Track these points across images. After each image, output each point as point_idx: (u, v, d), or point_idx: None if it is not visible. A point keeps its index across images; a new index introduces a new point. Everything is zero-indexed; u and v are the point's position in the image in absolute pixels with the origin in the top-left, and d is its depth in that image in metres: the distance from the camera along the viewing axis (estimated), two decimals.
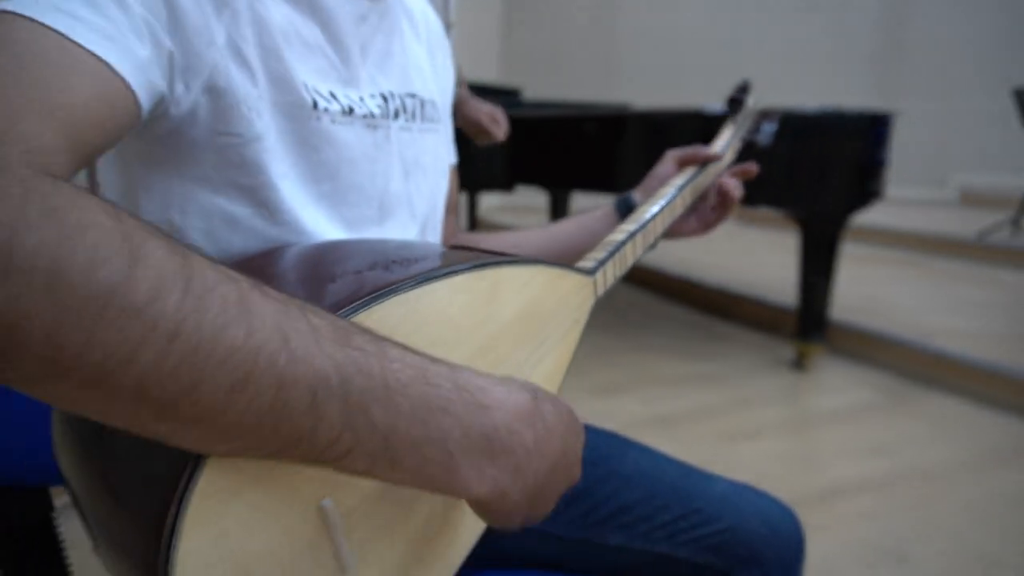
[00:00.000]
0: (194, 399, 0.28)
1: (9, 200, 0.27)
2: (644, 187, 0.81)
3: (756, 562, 0.65)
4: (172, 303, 0.28)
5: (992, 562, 1.51)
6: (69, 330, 0.26)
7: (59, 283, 0.26)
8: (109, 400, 0.28)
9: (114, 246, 0.28)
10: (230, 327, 0.29)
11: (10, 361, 0.27)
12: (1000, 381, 2.41)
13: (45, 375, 0.27)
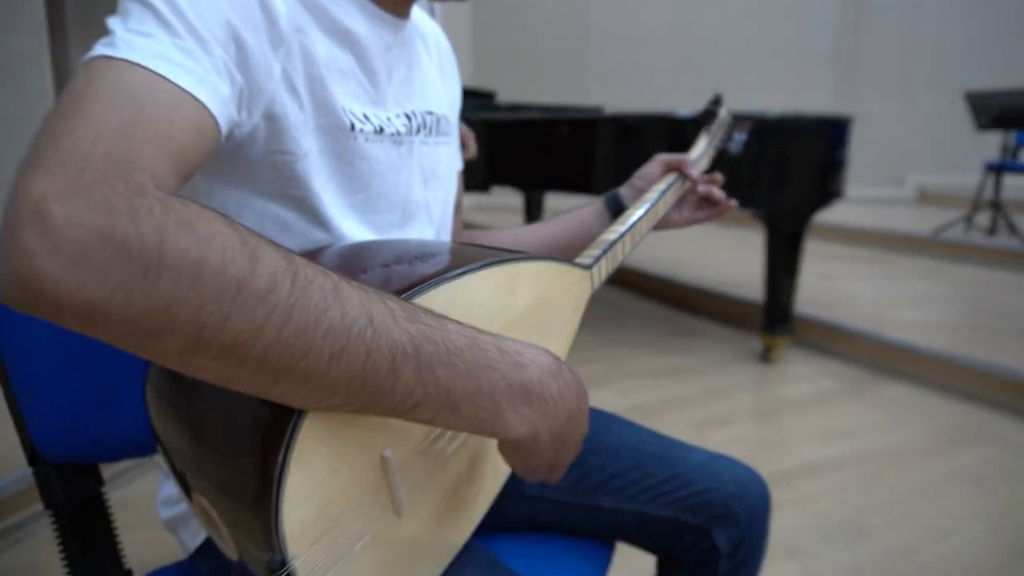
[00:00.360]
0: (303, 365, 0.37)
1: (154, 215, 0.35)
2: (631, 185, 0.90)
3: (729, 518, 0.75)
4: (285, 292, 0.36)
5: (943, 535, 1.64)
6: (209, 314, 0.35)
7: (200, 278, 0.34)
8: (238, 367, 0.36)
9: (237, 249, 0.36)
10: (329, 310, 0.37)
11: (164, 339, 0.35)
12: (952, 369, 2.56)
13: (190, 349, 0.35)
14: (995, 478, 1.92)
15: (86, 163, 0.36)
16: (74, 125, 0.38)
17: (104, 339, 0.35)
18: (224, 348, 0.35)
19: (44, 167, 0.35)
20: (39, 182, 0.34)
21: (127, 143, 0.38)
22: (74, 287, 0.33)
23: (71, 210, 0.33)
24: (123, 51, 0.42)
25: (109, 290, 0.33)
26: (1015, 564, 1.53)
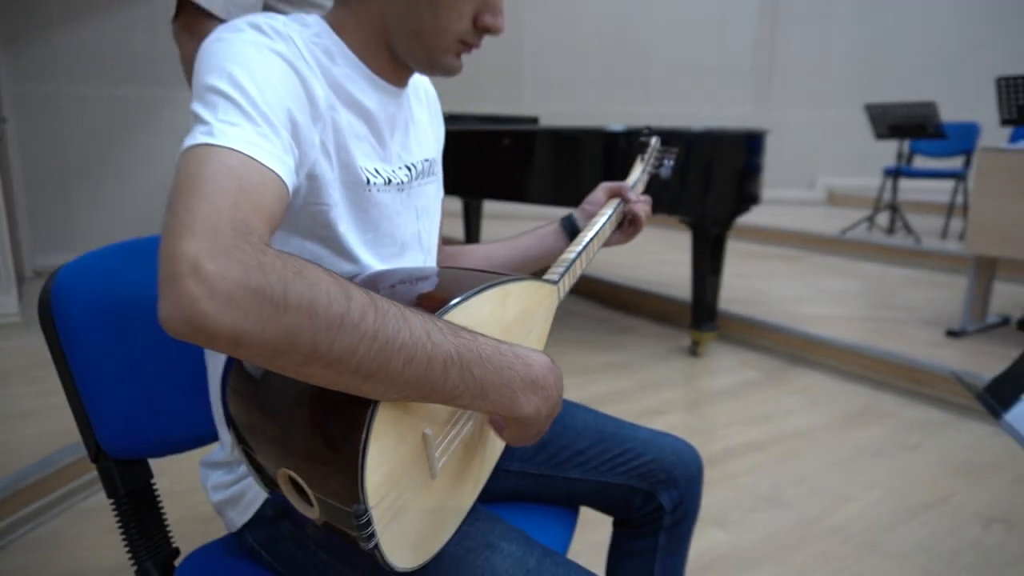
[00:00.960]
0: (385, 371, 0.52)
1: (276, 268, 0.49)
2: (582, 208, 1.07)
3: (670, 482, 0.93)
4: (371, 320, 0.51)
5: (846, 500, 1.90)
6: (321, 339, 0.49)
7: (315, 314, 0.49)
8: (339, 374, 0.51)
9: (336, 290, 0.51)
10: (401, 331, 0.52)
11: (288, 356, 0.49)
12: (856, 358, 2.87)
13: (306, 363, 0.50)
14: (891, 450, 2.20)
15: (218, 231, 0.50)
16: (201, 201, 0.51)
17: (243, 357, 0.50)
18: (331, 361, 0.50)
19: (190, 234, 0.49)
20: (190, 246, 0.48)
21: (241, 213, 0.52)
22: (226, 322, 0.47)
23: (219, 267, 0.48)
24: (221, 139, 0.56)
25: (251, 324, 0.48)
26: (906, 520, 1.79)
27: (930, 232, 4.98)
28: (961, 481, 2.01)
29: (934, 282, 4.13)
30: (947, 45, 6.66)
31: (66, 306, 0.76)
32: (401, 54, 0.76)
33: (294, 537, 0.73)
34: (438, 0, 0.70)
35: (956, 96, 6.24)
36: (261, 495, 0.75)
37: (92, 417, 0.77)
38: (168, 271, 0.48)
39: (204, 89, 0.60)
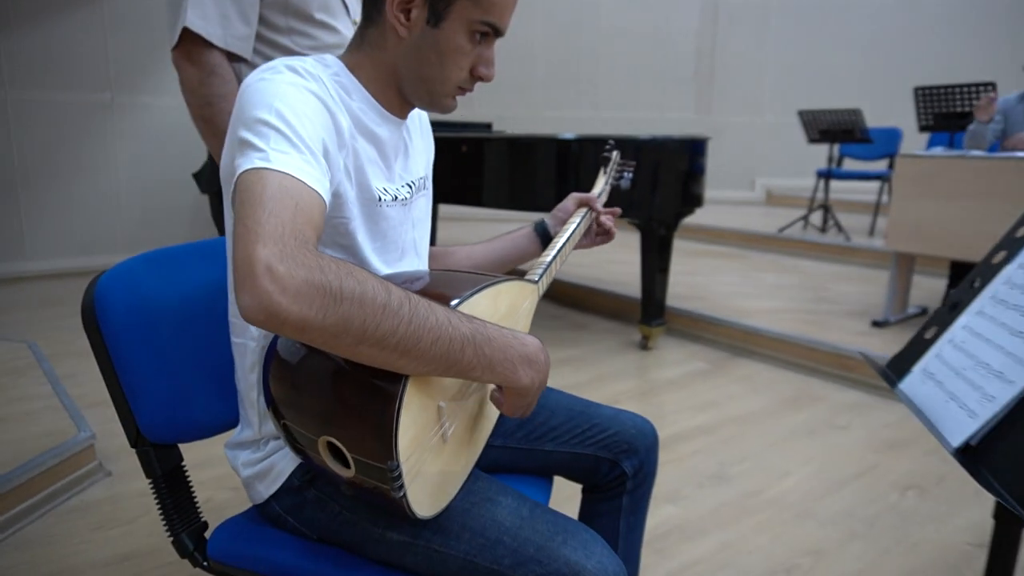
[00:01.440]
0: (418, 349, 0.65)
1: (332, 268, 0.62)
2: (553, 215, 1.21)
3: (632, 451, 1.08)
4: (407, 309, 0.65)
5: (784, 475, 2.10)
6: (369, 324, 0.63)
7: (364, 305, 0.62)
8: (381, 350, 0.64)
9: (379, 286, 0.64)
10: (429, 317, 0.66)
11: (342, 338, 0.62)
12: (792, 347, 3.11)
13: (356, 343, 0.63)
14: (822, 430, 2.42)
15: (284, 240, 0.63)
16: (267, 215, 0.64)
17: (307, 340, 0.63)
18: (376, 341, 0.63)
19: (262, 242, 0.61)
20: (263, 251, 0.61)
21: (299, 226, 0.65)
22: (295, 312, 0.60)
23: (288, 268, 0.60)
24: (276, 164, 0.69)
25: (314, 313, 0.61)
26: (835, 490, 2.00)
27: (858, 230, 5.32)
28: (882, 455, 2.24)
29: (862, 277, 4.44)
30: (872, 55, 7.10)
31: (107, 310, 0.86)
32: (408, 95, 0.89)
33: (319, 502, 0.86)
34: (444, 54, 0.84)
35: (880, 103, 6.65)
36: (288, 469, 0.87)
37: (133, 407, 0.87)
38: (246, 272, 0.61)
39: (254, 121, 0.73)
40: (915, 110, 4.67)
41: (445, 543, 0.79)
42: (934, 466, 2.16)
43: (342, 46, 1.40)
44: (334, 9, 1.47)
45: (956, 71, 6.69)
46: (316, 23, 1.43)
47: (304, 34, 1.42)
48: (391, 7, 0.84)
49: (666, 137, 3.11)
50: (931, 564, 1.67)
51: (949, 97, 4.48)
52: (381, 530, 0.82)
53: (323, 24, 1.44)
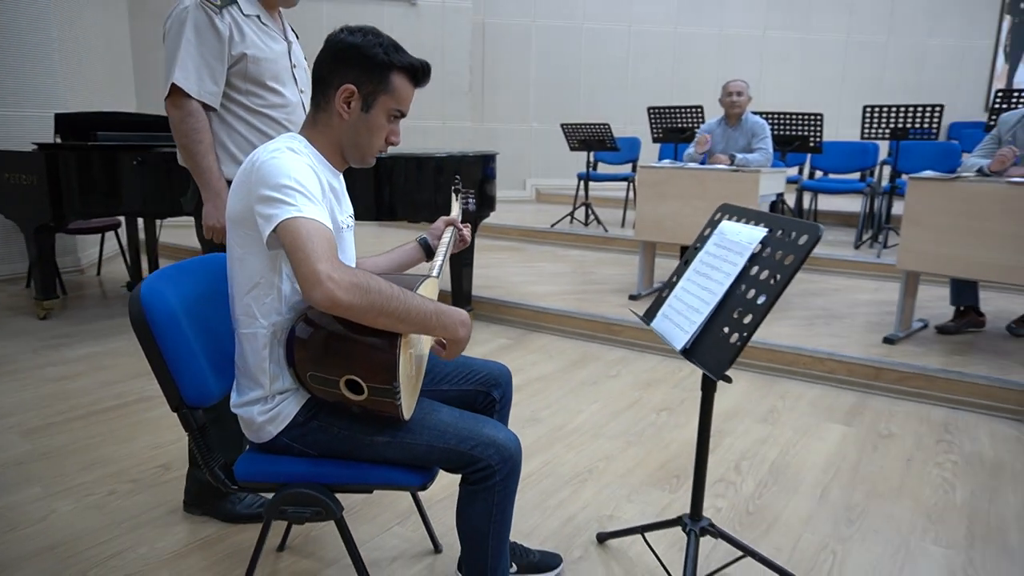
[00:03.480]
0: (409, 317, 1.15)
1: (361, 276, 1.11)
2: (430, 233, 1.73)
3: (496, 384, 1.64)
4: (401, 295, 1.15)
5: (577, 412, 2.81)
6: (384, 304, 1.12)
7: (381, 294, 1.12)
8: (389, 319, 1.13)
9: (384, 283, 1.14)
10: (413, 299, 1.16)
11: (372, 315, 1.12)
12: (571, 320, 3.90)
13: (377, 316, 1.12)
14: (601, 379, 3.21)
15: (331, 259, 1.10)
16: (315, 246, 1.11)
17: (349, 316, 1.11)
18: (388, 315, 1.13)
19: (319, 262, 1.09)
20: (322, 267, 1.09)
21: (331, 250, 1.13)
22: (347, 300, 1.08)
23: (340, 275, 1.09)
24: (307, 213, 1.15)
25: (358, 301, 1.09)
26: (614, 417, 2.76)
27: (613, 222, 6.43)
28: (643, 391, 3.06)
29: (619, 261, 5.46)
30: (616, 74, 8.41)
31: (152, 307, 1.22)
32: (347, 157, 1.37)
33: (321, 428, 1.31)
34: (372, 131, 1.33)
35: (624, 116, 7.96)
36: (292, 412, 1.31)
37: (177, 381, 1.25)
38: (315, 280, 1.08)
39: (279, 186, 1.17)
40: (649, 124, 5.82)
41: (414, 437, 1.30)
42: (677, 394, 3.02)
43: (286, 107, 1.85)
44: (284, 79, 1.92)
45: (678, 94, 8.21)
46: (268, 88, 1.88)
47: (258, 96, 1.87)
48: (338, 101, 1.31)
49: (463, 153, 3.73)
50: (678, 454, 2.47)
51: (673, 115, 5.66)
52: (370, 437, 1.30)
53: (274, 90, 1.89)
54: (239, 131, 1.88)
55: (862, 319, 3.78)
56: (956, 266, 3.16)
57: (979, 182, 3.06)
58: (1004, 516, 2.08)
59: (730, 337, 1.37)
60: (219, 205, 1.83)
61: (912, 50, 9.08)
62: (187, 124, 1.82)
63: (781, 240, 1.41)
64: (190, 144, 1.82)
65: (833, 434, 2.65)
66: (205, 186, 1.83)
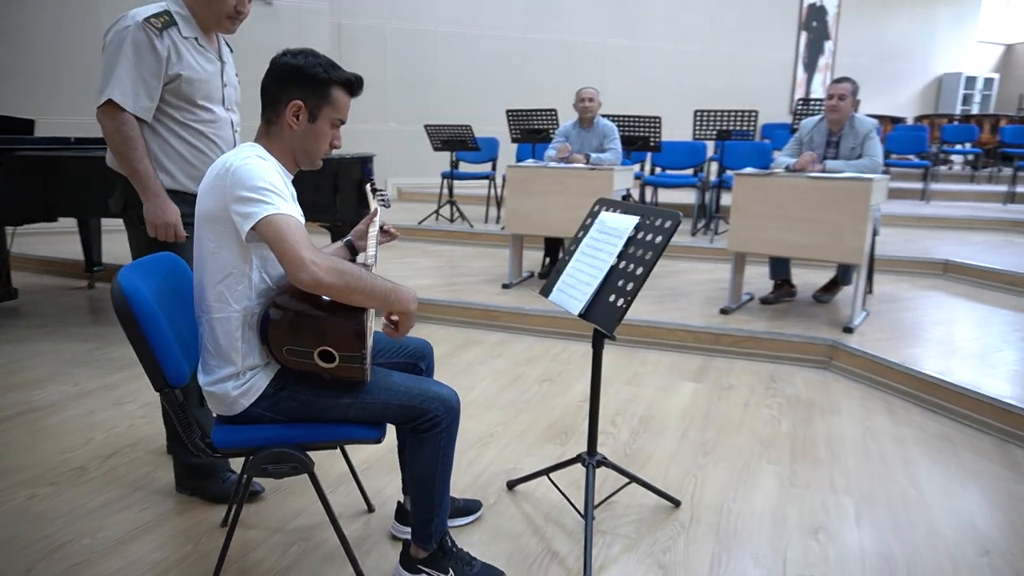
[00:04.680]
0: (375, 294, 1.41)
1: (335, 259, 1.36)
2: (357, 231, 1.95)
3: (422, 356, 1.91)
4: (367, 275, 1.40)
5: (471, 388, 3.12)
6: (357, 283, 1.38)
7: (353, 274, 1.37)
8: (360, 296, 1.38)
9: (356, 269, 1.39)
10: (376, 279, 1.42)
11: (347, 293, 1.37)
12: (454, 310, 4.20)
13: (351, 293, 1.37)
14: (486, 359, 3.54)
15: (310, 248, 1.34)
16: (295, 238, 1.34)
17: (331, 296, 1.35)
18: (359, 291, 1.38)
19: (303, 250, 1.34)
20: (305, 254, 1.33)
21: (308, 240, 1.36)
22: (327, 280, 1.33)
23: (321, 260, 1.34)
24: (282, 210, 1.37)
25: (336, 281, 1.35)
26: (503, 391, 3.10)
27: (477, 218, 6.79)
28: (525, 367, 3.44)
29: (486, 254, 5.82)
30: (470, 76, 8.78)
31: (134, 298, 1.38)
32: (298, 161, 1.59)
33: (290, 397, 1.52)
34: (318, 138, 1.57)
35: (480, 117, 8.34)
36: (263, 385, 1.51)
37: (159, 360, 1.41)
38: (301, 264, 1.32)
39: (255, 188, 1.39)
40: (508, 127, 6.23)
41: (372, 397, 1.55)
42: (555, 367, 3.43)
43: (215, 123, 2.00)
44: (214, 98, 2.05)
45: (529, 96, 8.73)
46: (199, 106, 2.01)
47: (189, 112, 2.00)
48: (288, 115, 1.53)
49: (340, 156, 3.91)
50: (563, 416, 2.85)
51: (530, 118, 6.11)
52: (335, 400, 1.53)
53: (204, 107, 2.02)
54: (171, 143, 2.01)
55: (702, 295, 4.41)
56: (773, 247, 3.83)
57: (787, 177, 3.73)
58: (815, 439, 2.66)
59: (617, 302, 1.75)
60: (160, 204, 1.95)
61: (729, 59, 10.25)
62: (122, 133, 1.92)
63: (651, 225, 1.80)
64: (127, 151, 1.93)
65: (686, 389, 3.16)
66: (144, 188, 1.94)
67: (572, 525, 2.04)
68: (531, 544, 1.95)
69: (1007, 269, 4.64)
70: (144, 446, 2.48)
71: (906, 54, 11.91)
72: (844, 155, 4.01)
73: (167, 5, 1.99)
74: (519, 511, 2.12)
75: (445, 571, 1.70)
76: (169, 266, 1.67)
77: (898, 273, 4.98)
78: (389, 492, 2.20)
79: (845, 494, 2.25)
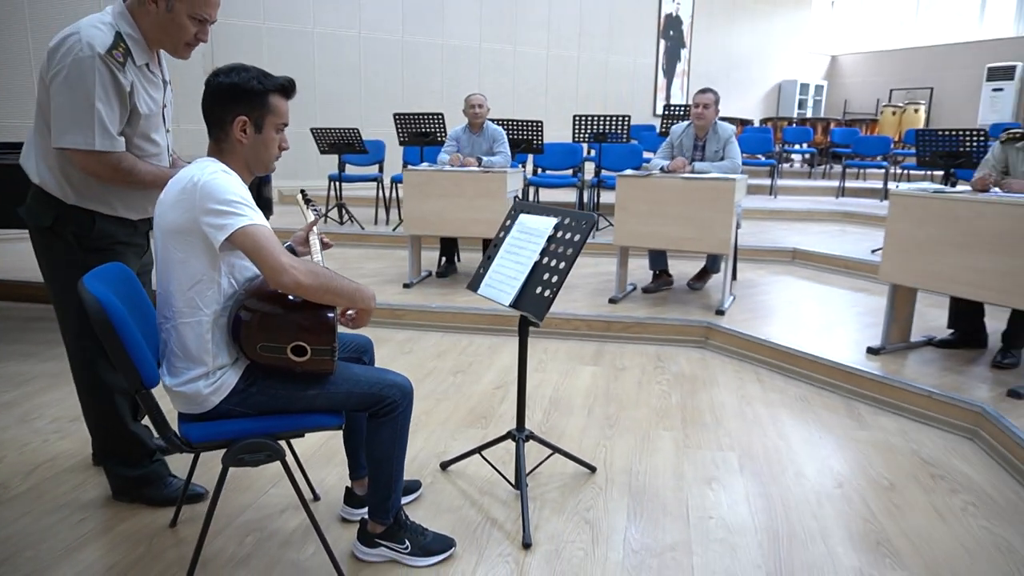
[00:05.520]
0: (343, 293, 1.57)
1: (309, 264, 1.51)
2: (294, 240, 2.07)
3: (365, 350, 2.07)
4: (336, 276, 1.56)
5: None
6: (329, 284, 1.54)
7: (325, 276, 1.53)
8: (332, 295, 1.54)
9: (325, 271, 1.54)
10: (343, 279, 1.57)
11: (322, 294, 1.53)
12: None
13: (324, 292, 1.53)
14: (397, 355, 3.69)
15: (287, 255, 1.49)
16: (271, 247, 1.48)
17: (308, 297, 1.50)
18: (331, 291, 1.54)
19: (282, 256, 1.48)
20: (284, 260, 1.48)
21: (282, 248, 1.51)
22: (306, 283, 1.49)
23: (299, 264, 1.49)
24: (255, 221, 1.50)
25: (313, 283, 1.50)
26: (420, 385, 3.28)
27: (367, 220, 6.86)
28: (437, 361, 3.62)
29: (380, 256, 5.92)
30: (351, 79, 8.77)
31: (109, 305, 1.45)
32: (253, 170, 1.71)
33: (261, 392, 1.64)
34: (267, 145, 1.70)
35: (361, 119, 8.37)
36: (232, 382, 1.62)
37: (136, 363, 1.50)
38: (281, 269, 1.48)
39: (228, 200, 1.51)
40: (396, 129, 6.36)
41: (336, 388, 1.70)
42: (465, 359, 3.64)
43: (159, 155, 2.03)
44: (158, 127, 2.03)
45: (410, 99, 8.86)
46: (147, 140, 2.00)
47: (138, 148, 1.99)
48: (235, 131, 1.66)
49: None
50: (479, 402, 3.08)
51: (417, 121, 6.27)
52: (302, 392, 1.67)
53: (152, 140, 2.01)
54: None
55: (592, 287, 4.78)
56: (652, 240, 4.25)
57: (663, 178, 4.16)
58: (700, 407, 3.06)
59: (544, 293, 2.00)
60: None
61: (598, 65, 10.87)
62: (121, 170, 1.92)
63: (569, 225, 2.07)
64: (134, 180, 1.95)
65: (586, 372, 3.48)
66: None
67: (505, 495, 2.28)
68: (471, 514, 2.16)
69: (843, 255, 5.37)
70: (64, 460, 2.45)
71: (750, 62, 13.12)
72: (709, 157, 4.51)
73: (116, 24, 1.88)
74: (455, 488, 2.33)
75: (402, 542, 1.88)
76: (120, 275, 1.74)
77: (755, 261, 5.61)
78: (330, 482, 2.33)
79: (729, 450, 2.64)
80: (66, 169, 1.92)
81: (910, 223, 3.26)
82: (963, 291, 3.11)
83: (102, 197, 1.98)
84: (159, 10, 1.90)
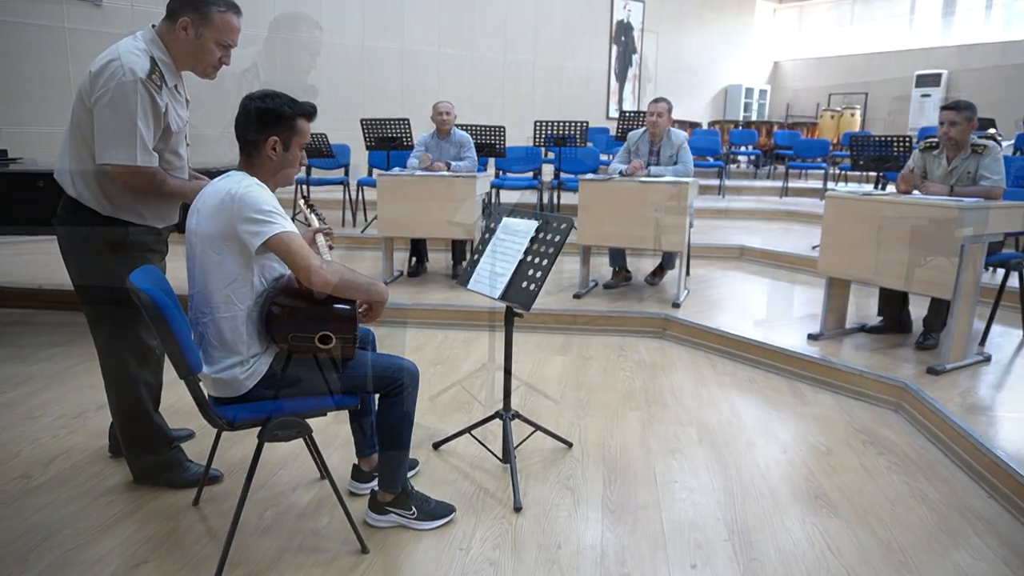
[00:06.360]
0: (360, 288, 1.82)
1: (336, 264, 1.76)
2: None
3: (368, 340, 2.31)
4: (358, 276, 1.81)
5: None
6: (351, 283, 1.79)
7: (348, 277, 1.79)
8: (353, 291, 1.79)
9: (348, 271, 1.79)
10: (360, 276, 1.82)
11: (346, 290, 1.77)
12: None
13: (347, 288, 1.78)
14: None
15: (317, 259, 1.74)
16: (303, 251, 1.74)
17: (335, 294, 1.75)
18: (352, 288, 1.79)
19: (311, 259, 1.73)
20: (314, 262, 1.73)
21: (311, 252, 1.75)
22: (334, 281, 1.74)
23: (328, 267, 1.74)
24: (288, 228, 1.74)
25: (339, 281, 1.76)
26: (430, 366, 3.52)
27: (334, 222, 7.02)
28: (416, 354, 3.87)
29: (349, 257, 6.11)
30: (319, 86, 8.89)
31: (155, 297, 1.67)
32: (277, 183, 1.95)
33: (288, 376, 1.88)
34: (292, 162, 1.93)
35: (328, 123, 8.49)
36: (264, 369, 1.85)
37: (186, 353, 1.72)
38: (311, 271, 1.73)
39: (264, 211, 1.75)
40: (363, 135, 6.55)
41: (355, 371, 1.94)
42: (444, 351, 3.90)
43: (181, 168, 2.23)
44: (182, 142, 2.24)
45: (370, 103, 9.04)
46: (174, 154, 2.21)
47: (167, 162, 2.18)
48: (267, 150, 1.89)
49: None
50: (460, 390, 3.34)
51: (384, 127, 6.48)
52: (326, 375, 1.91)
53: (177, 154, 2.21)
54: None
55: (555, 284, 5.08)
56: (612, 239, 4.58)
57: (622, 181, 4.49)
58: (661, 389, 3.39)
59: (529, 286, 2.28)
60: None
61: (553, 70, 11.21)
62: (156, 184, 2.12)
63: (549, 226, 2.35)
64: (166, 192, 2.16)
65: (556, 362, 3.78)
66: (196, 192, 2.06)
67: (494, 469, 2.55)
68: (466, 486, 2.43)
69: (786, 251, 5.81)
70: (78, 453, 2.62)
71: (698, 67, 13.67)
72: (664, 162, 4.86)
73: (150, 49, 2.08)
74: (448, 464, 2.59)
75: (409, 509, 2.14)
76: (156, 276, 1.95)
77: (706, 258, 6.00)
78: (331, 463, 2.56)
79: (689, 425, 2.97)
80: (103, 183, 2.10)
81: (843, 222, 3.65)
82: (889, 282, 3.51)
83: (134, 208, 2.18)
84: (188, 37, 2.11)
